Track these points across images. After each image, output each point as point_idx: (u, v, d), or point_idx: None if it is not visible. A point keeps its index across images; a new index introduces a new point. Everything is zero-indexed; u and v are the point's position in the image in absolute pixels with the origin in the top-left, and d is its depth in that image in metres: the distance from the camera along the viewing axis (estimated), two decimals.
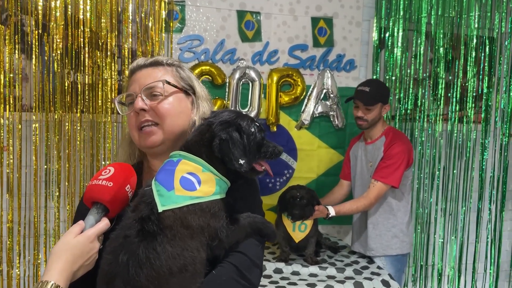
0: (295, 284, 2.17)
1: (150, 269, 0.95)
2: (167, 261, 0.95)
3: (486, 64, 3.25)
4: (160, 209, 0.98)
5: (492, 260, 3.41)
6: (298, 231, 2.42)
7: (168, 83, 1.16)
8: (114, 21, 2.65)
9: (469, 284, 3.41)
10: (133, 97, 1.17)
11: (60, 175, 2.66)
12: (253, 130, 1.07)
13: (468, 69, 3.25)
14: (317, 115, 3.05)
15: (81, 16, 2.58)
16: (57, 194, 2.66)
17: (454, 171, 3.30)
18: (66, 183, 2.67)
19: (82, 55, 2.61)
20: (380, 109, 2.59)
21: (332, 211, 2.43)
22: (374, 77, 3.14)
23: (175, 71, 1.20)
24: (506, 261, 3.49)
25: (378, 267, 2.46)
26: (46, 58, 2.58)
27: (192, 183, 1.01)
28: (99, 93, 2.66)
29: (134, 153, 1.28)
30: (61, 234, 2.70)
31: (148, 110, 1.15)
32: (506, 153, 3.34)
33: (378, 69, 3.15)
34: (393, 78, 3.14)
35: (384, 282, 2.25)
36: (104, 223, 1.03)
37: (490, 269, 3.42)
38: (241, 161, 1.02)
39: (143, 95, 1.15)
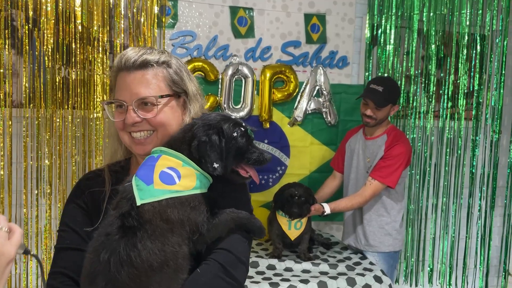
0: (288, 280, 2.17)
1: (131, 266, 0.94)
2: (148, 257, 0.95)
3: (477, 61, 3.28)
4: (139, 202, 0.98)
5: (482, 256, 3.44)
6: (294, 229, 2.43)
7: (162, 96, 1.12)
8: (106, 16, 2.63)
9: (459, 280, 3.44)
10: (122, 103, 1.14)
11: (51, 172, 2.63)
12: (235, 134, 1.06)
13: (459, 66, 3.26)
14: (309, 111, 3.05)
15: (72, 11, 2.56)
16: (49, 191, 2.63)
17: (446, 168, 3.33)
18: (58, 180, 2.64)
19: (73, 51, 2.59)
20: (389, 109, 2.57)
21: (327, 209, 2.43)
22: (366, 74, 3.15)
23: (166, 72, 1.14)
24: (495, 257, 3.53)
25: (371, 263, 2.48)
26: (36, 53, 2.54)
27: (172, 178, 1.01)
28: (91, 89, 2.64)
29: (122, 150, 1.26)
30: (53, 231, 2.67)
31: (140, 122, 1.12)
32: (496, 150, 3.37)
33: (370, 66, 3.16)
34: (385, 75, 3.15)
35: (377, 278, 2.27)
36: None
37: (480, 265, 3.46)
38: (215, 165, 1.02)
39: (134, 105, 1.11)
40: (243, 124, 1.10)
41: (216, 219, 1.04)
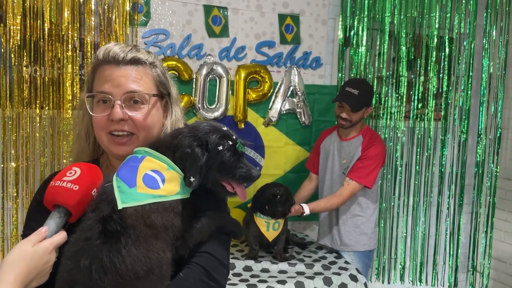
0: (265, 281, 2.16)
1: (115, 274, 0.89)
2: (133, 264, 0.90)
3: (446, 63, 3.37)
4: (120, 206, 0.93)
5: (452, 253, 3.54)
6: (272, 230, 2.42)
7: (154, 95, 1.09)
8: (75, 12, 2.54)
9: (430, 276, 3.53)
10: (107, 97, 1.07)
11: (18, 175, 2.52)
12: (220, 148, 1.02)
13: (429, 68, 3.35)
14: (284, 112, 3.05)
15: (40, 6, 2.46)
16: (15, 194, 2.52)
17: (417, 167, 3.40)
18: (25, 183, 2.54)
19: (41, 48, 2.49)
20: (364, 111, 2.60)
21: (307, 210, 2.44)
22: (339, 75, 3.18)
23: (154, 72, 1.12)
24: (462, 253, 3.64)
25: (346, 262, 2.50)
26: (2, 50, 2.43)
27: (156, 181, 0.97)
28: (60, 87, 2.54)
29: (89, 150, 1.19)
30: (19, 237, 2.56)
31: (126, 119, 1.07)
32: (464, 149, 3.47)
33: (343, 67, 3.19)
34: (358, 76, 3.19)
35: (352, 277, 2.29)
36: (63, 236, 0.96)
37: (449, 261, 3.55)
38: (192, 179, 0.99)
39: (122, 101, 1.06)
40: (233, 137, 1.05)
41: (199, 223, 1.01)
